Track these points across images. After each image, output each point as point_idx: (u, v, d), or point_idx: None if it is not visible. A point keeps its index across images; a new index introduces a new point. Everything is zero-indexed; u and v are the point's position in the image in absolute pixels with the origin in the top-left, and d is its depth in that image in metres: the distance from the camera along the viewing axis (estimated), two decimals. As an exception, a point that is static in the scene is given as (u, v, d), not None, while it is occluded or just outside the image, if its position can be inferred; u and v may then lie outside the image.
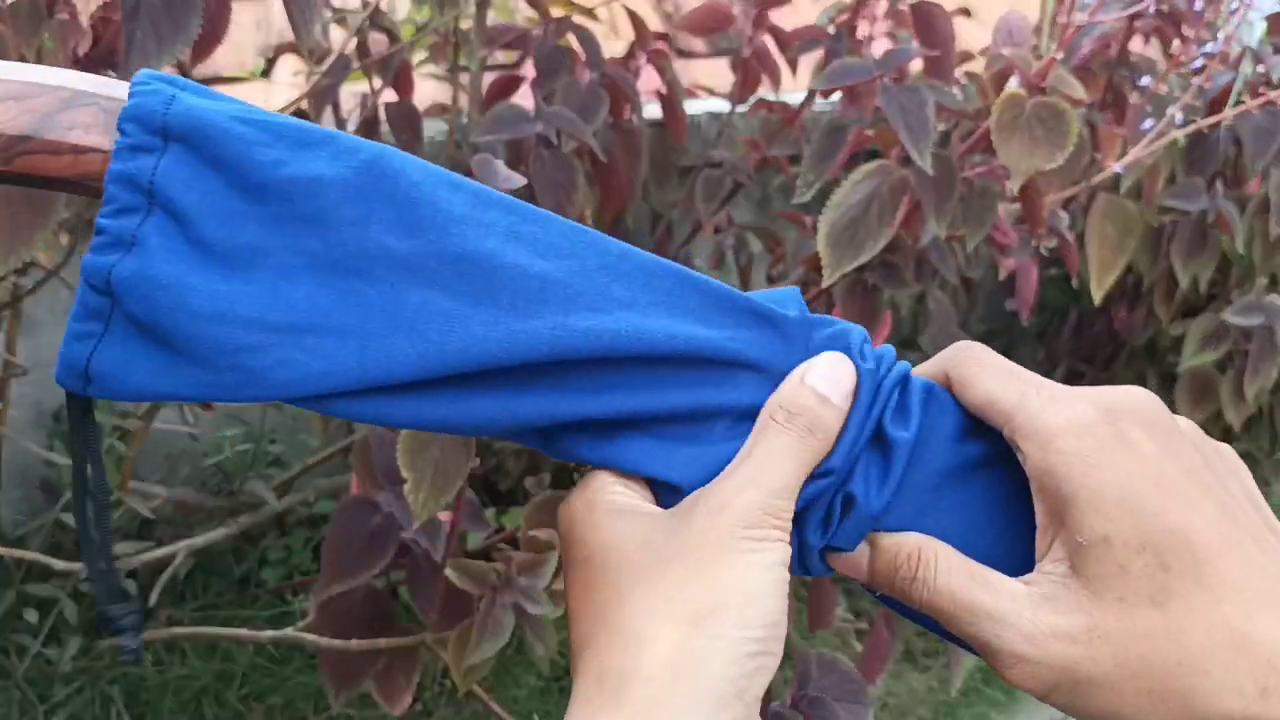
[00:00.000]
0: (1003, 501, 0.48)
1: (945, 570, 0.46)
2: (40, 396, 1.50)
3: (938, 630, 0.47)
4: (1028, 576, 0.45)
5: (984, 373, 0.47)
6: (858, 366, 0.47)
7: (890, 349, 0.49)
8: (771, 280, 1.58)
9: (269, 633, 1.19)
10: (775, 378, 0.47)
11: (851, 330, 0.48)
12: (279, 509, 1.39)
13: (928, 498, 0.48)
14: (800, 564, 0.48)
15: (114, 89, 0.47)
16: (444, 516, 1.12)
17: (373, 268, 0.45)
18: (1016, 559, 0.47)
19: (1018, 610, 0.44)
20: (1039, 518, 0.45)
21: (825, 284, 1.17)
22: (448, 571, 1.05)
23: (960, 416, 0.49)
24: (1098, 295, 1.57)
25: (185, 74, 1.38)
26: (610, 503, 0.47)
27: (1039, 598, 0.44)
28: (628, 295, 0.46)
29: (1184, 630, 0.42)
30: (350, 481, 1.19)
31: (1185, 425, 0.47)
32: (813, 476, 0.46)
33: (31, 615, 1.38)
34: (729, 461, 0.47)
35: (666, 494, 0.48)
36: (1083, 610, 0.43)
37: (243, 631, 1.27)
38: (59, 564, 1.28)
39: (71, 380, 0.44)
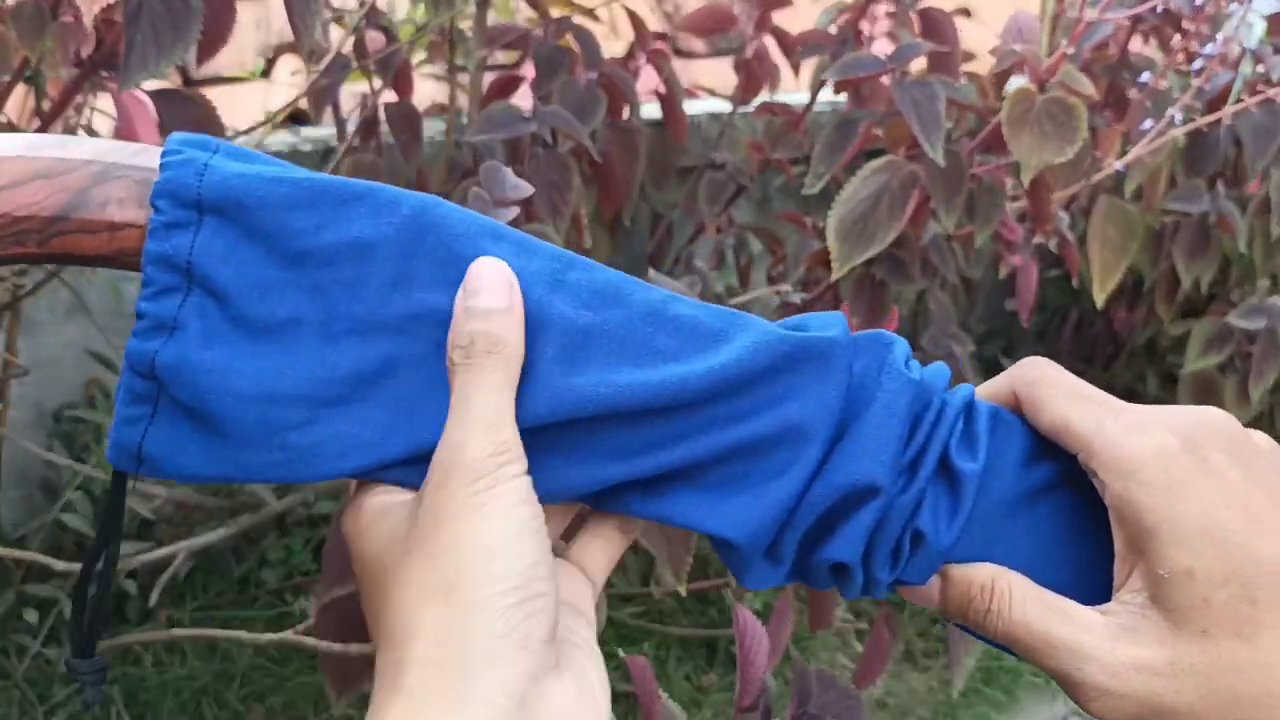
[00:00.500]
0: (1072, 525, 0.47)
1: (1020, 601, 0.45)
2: (40, 397, 1.50)
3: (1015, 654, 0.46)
4: (1105, 606, 0.45)
5: (1057, 396, 0.47)
6: (904, 380, 0.46)
7: (945, 369, 0.48)
8: (771, 280, 1.58)
9: (269, 635, 1.19)
10: (821, 410, 0.45)
11: (895, 343, 0.47)
12: (279, 509, 1.39)
13: (997, 525, 0.47)
14: (865, 590, 0.47)
15: (145, 158, 0.46)
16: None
17: (418, 328, 0.44)
18: (1087, 582, 0.46)
19: (1097, 643, 0.43)
20: (1117, 545, 0.45)
21: (834, 277, 1.18)
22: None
23: (1028, 439, 0.47)
24: (1100, 299, 1.57)
25: (187, 76, 1.37)
26: (372, 507, 0.47)
27: (1118, 629, 0.43)
28: (673, 345, 0.45)
29: (1273, 663, 0.41)
30: (351, 482, 1.19)
31: (1260, 440, 0.46)
32: (862, 499, 0.45)
33: (31, 615, 1.38)
34: (779, 505, 0.45)
35: (723, 549, 0.46)
36: (1164, 643, 0.42)
37: (243, 633, 1.27)
38: (59, 564, 1.28)
39: (124, 462, 0.44)
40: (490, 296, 0.45)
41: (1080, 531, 0.47)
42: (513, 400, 0.45)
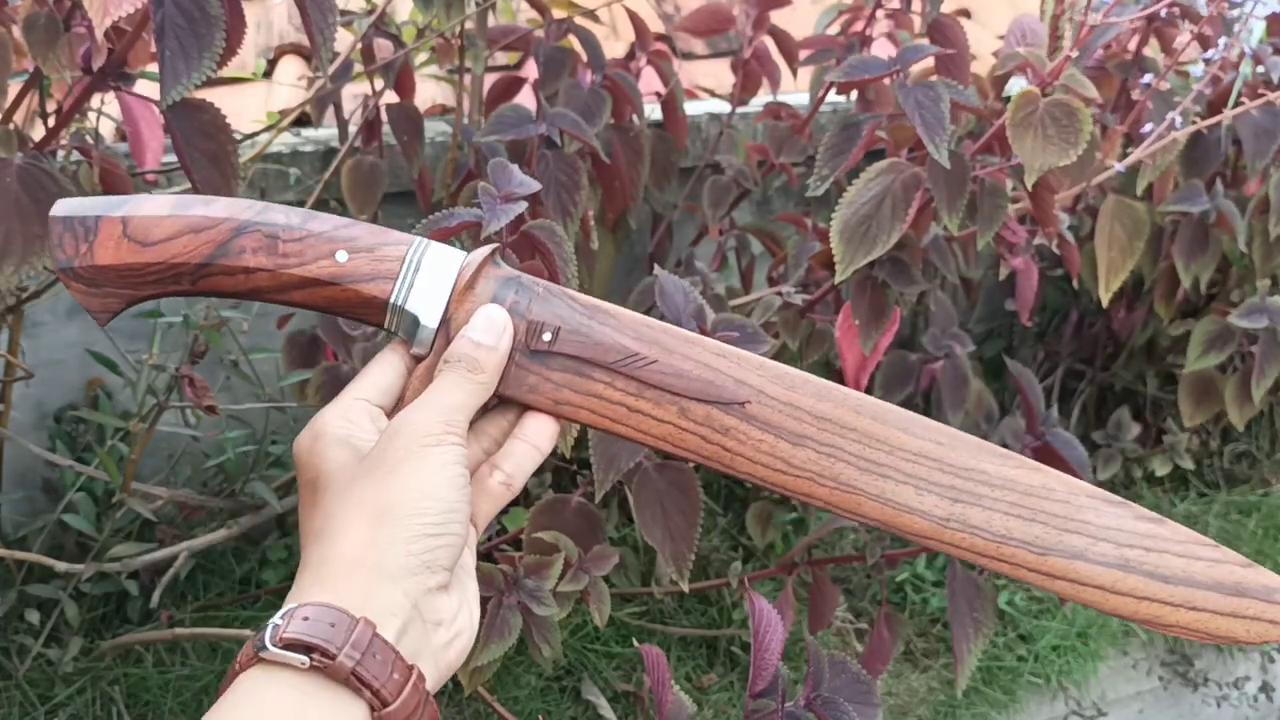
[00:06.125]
0: None
1: None
2: (42, 398, 1.50)
3: None
4: None
5: None
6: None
7: None
8: (772, 281, 1.58)
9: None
10: None
11: None
12: (280, 510, 1.39)
13: None
14: None
15: (270, 214, 0.60)
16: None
17: None
18: None
19: None
20: None
21: (838, 279, 1.18)
22: (453, 573, 1.05)
23: None
24: (1105, 297, 1.57)
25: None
26: (330, 435, 0.60)
27: None
28: None
29: None
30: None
31: None
32: None
33: (33, 616, 1.38)
34: None
35: None
36: None
37: (244, 632, 1.27)
38: (60, 565, 1.28)
39: None
40: (484, 335, 0.61)
41: None
42: (473, 409, 0.61)
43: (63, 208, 0.60)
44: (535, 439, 0.64)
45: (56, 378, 1.50)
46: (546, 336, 0.63)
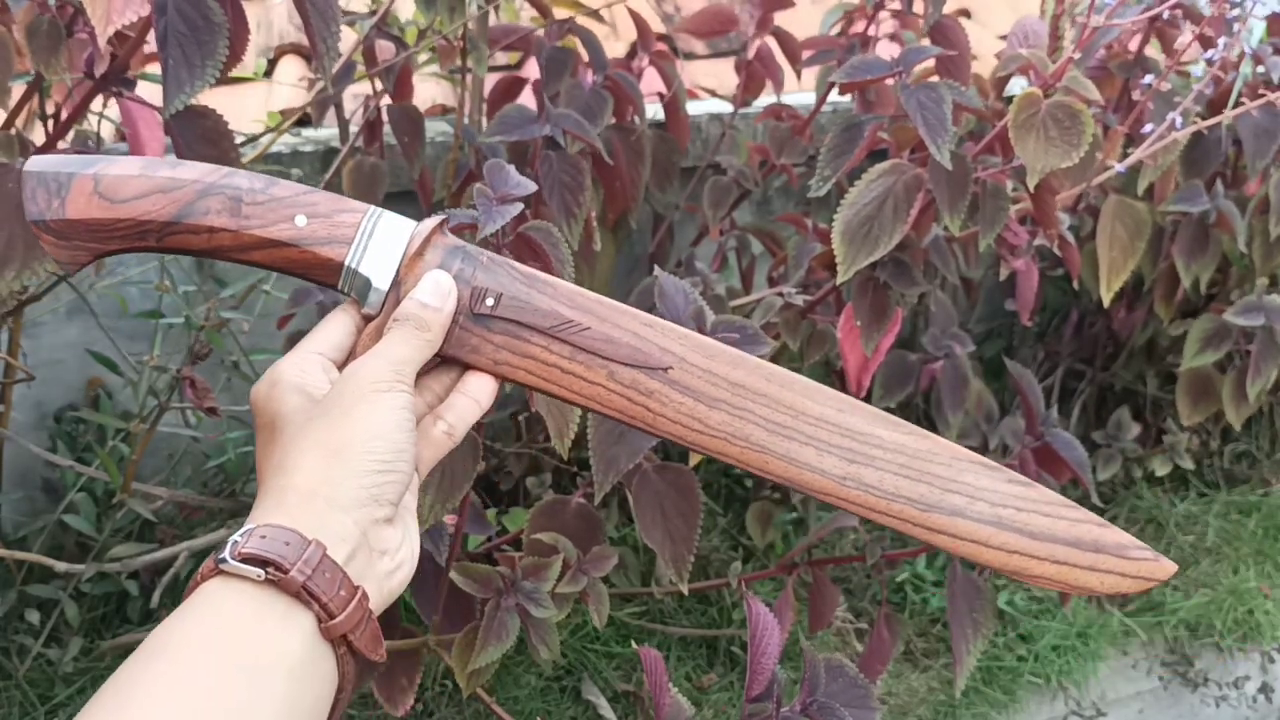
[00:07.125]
0: None
1: None
2: (41, 398, 1.50)
3: None
4: None
5: None
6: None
7: None
8: (772, 281, 1.58)
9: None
10: None
11: None
12: (281, 510, 1.39)
13: None
14: None
15: (234, 178, 0.64)
16: (448, 520, 1.12)
17: None
18: None
19: None
20: None
21: (840, 280, 1.18)
22: (453, 575, 1.06)
23: None
24: (1107, 297, 1.57)
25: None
26: (286, 382, 0.65)
27: None
28: None
29: None
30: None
31: None
32: None
33: (33, 616, 1.38)
34: None
35: None
36: None
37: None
38: (60, 565, 1.28)
39: None
40: (430, 297, 0.67)
41: None
42: (419, 363, 0.66)
43: (37, 163, 0.64)
44: (476, 394, 0.70)
45: (56, 378, 1.50)
46: (489, 302, 0.68)
